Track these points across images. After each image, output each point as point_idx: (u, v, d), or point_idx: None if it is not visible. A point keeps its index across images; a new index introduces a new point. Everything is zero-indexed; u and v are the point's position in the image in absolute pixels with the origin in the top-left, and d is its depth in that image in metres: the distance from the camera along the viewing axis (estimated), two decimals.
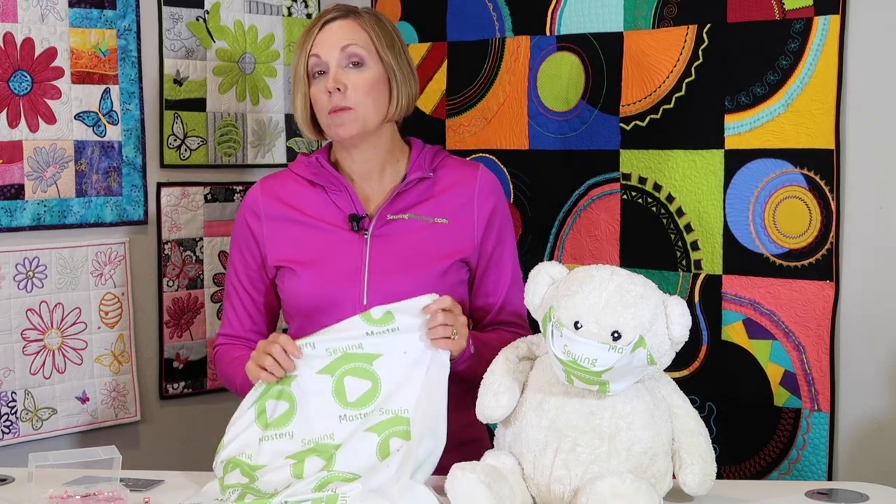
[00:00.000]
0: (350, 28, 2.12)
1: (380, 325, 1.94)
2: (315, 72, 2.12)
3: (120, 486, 1.86)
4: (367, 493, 1.78)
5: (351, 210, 2.13)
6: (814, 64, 2.31)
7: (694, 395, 2.37)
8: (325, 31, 2.12)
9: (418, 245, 2.11)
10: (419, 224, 2.12)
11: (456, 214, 2.15)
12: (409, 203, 2.14)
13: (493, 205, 2.18)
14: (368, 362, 1.94)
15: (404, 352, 1.94)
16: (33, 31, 2.46)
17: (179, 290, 2.75)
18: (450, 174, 2.18)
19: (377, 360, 1.94)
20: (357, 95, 2.09)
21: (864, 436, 2.31)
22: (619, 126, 2.59)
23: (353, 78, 2.10)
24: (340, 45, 2.10)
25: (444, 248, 2.12)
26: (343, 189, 2.14)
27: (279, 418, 1.95)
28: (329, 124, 2.12)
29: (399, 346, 1.94)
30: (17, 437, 2.49)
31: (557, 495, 1.74)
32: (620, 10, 2.57)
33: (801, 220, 2.35)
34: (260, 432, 1.95)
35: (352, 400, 1.94)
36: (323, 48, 2.11)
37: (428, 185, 2.16)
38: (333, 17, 2.13)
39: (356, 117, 2.09)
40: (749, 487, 2.05)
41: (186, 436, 2.80)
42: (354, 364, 1.94)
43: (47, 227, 2.52)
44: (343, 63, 2.10)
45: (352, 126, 2.10)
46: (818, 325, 2.33)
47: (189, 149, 2.75)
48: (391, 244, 2.10)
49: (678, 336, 1.73)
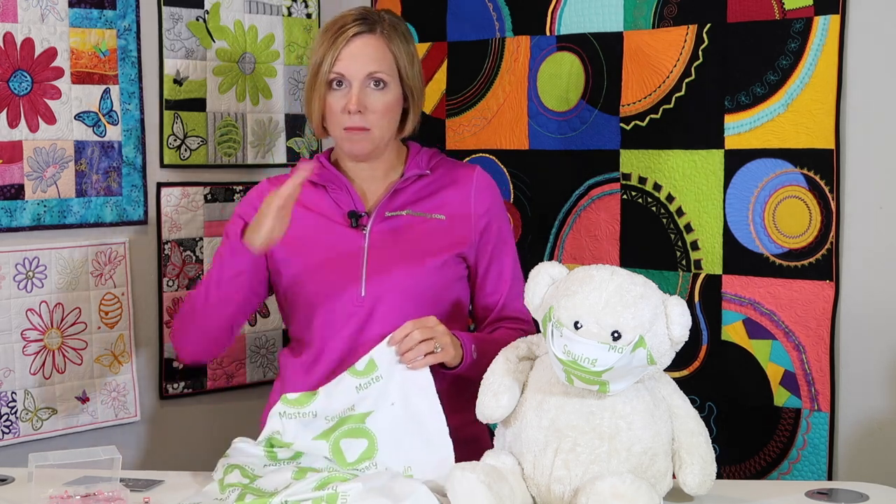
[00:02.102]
0: (378, 50, 2.11)
1: (365, 377, 1.96)
2: (335, 81, 2.11)
3: (120, 486, 1.86)
4: (367, 493, 1.78)
5: (350, 207, 2.14)
6: (814, 64, 2.31)
7: (694, 395, 2.37)
8: (351, 47, 2.10)
9: (416, 239, 2.13)
10: (417, 219, 2.15)
11: (453, 211, 2.17)
12: (407, 200, 2.16)
13: (490, 203, 2.20)
14: (361, 421, 1.96)
15: (392, 403, 1.95)
16: (33, 31, 2.46)
17: (179, 290, 2.75)
18: (447, 173, 2.21)
19: (369, 417, 1.96)
20: (375, 117, 2.10)
21: (864, 436, 2.31)
22: (619, 126, 2.59)
23: (374, 99, 2.10)
24: (367, 72, 2.09)
25: (440, 242, 2.14)
26: (343, 187, 2.16)
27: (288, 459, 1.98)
28: (343, 138, 2.13)
29: (386, 398, 1.96)
30: (17, 437, 2.49)
31: (557, 495, 1.74)
32: (620, 10, 2.57)
33: (801, 220, 2.35)
34: (266, 461, 1.98)
35: (351, 460, 1.95)
36: (349, 69, 2.09)
37: (425, 182, 2.18)
38: (360, 32, 2.11)
39: (371, 138, 2.11)
40: (749, 487, 2.05)
41: (186, 436, 2.80)
42: (348, 426, 1.96)
43: (47, 227, 2.52)
44: (366, 84, 2.10)
45: (366, 145, 2.12)
46: (818, 325, 2.33)
47: (189, 149, 2.75)
48: (389, 239, 2.12)
49: (678, 336, 1.73)
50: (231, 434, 2.20)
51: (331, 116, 2.13)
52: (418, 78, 2.18)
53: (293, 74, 2.92)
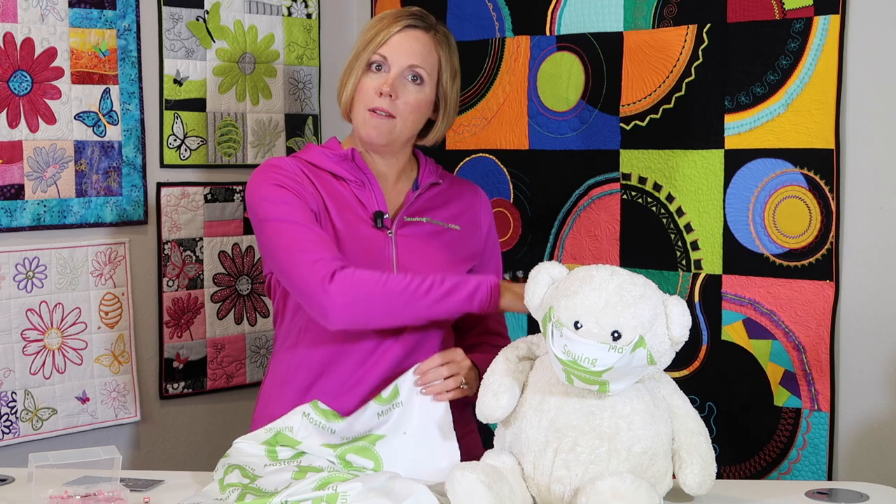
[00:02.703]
0: (426, 46, 2.12)
1: (387, 404, 1.98)
2: (375, 64, 2.11)
3: (120, 486, 1.86)
4: (367, 492, 1.78)
5: (375, 207, 2.13)
6: (814, 64, 2.31)
7: (694, 395, 2.37)
8: (401, 36, 2.11)
9: (439, 247, 2.15)
10: (436, 228, 2.17)
11: (466, 225, 2.21)
12: (424, 207, 2.18)
13: (491, 221, 2.27)
14: (372, 443, 1.97)
15: (404, 432, 1.97)
16: (33, 31, 2.46)
17: (179, 290, 2.74)
18: (453, 184, 2.26)
19: (379, 441, 1.97)
20: (405, 109, 2.10)
21: (864, 436, 2.31)
22: (619, 126, 2.59)
23: (409, 91, 2.10)
24: (410, 62, 2.10)
25: (460, 253, 2.17)
26: (369, 185, 2.15)
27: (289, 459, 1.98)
28: (365, 119, 2.11)
29: (400, 426, 1.97)
30: (17, 437, 2.49)
31: (557, 495, 1.74)
32: (620, 9, 2.57)
33: (801, 220, 2.35)
34: (267, 461, 1.97)
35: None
36: (393, 55, 2.10)
37: (438, 191, 2.21)
38: (415, 25, 2.12)
39: (392, 127, 2.11)
40: (749, 487, 2.05)
41: (186, 436, 2.80)
42: (357, 444, 1.98)
43: (47, 227, 2.52)
44: (405, 74, 2.10)
45: (385, 133, 2.11)
46: (818, 324, 2.33)
47: (189, 149, 2.75)
48: (414, 244, 2.13)
49: (678, 336, 1.73)
50: (231, 434, 2.20)
51: (360, 97, 2.11)
52: (455, 94, 2.19)
53: (293, 74, 2.92)
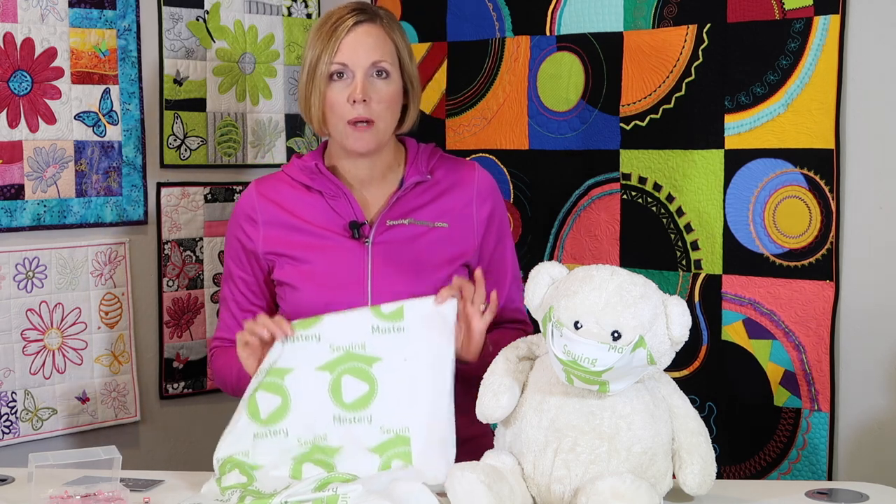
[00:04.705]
0: (378, 38, 2.07)
1: (387, 321, 1.92)
2: (336, 73, 2.05)
3: (120, 486, 1.86)
4: (367, 494, 1.78)
5: (351, 217, 2.08)
6: (814, 64, 2.31)
7: (694, 395, 2.37)
8: (353, 36, 2.05)
9: (420, 251, 2.09)
10: (420, 229, 2.10)
11: (455, 218, 2.13)
12: (409, 208, 2.11)
13: (492, 206, 2.16)
14: (368, 364, 1.93)
15: (404, 358, 1.92)
16: (33, 31, 2.46)
17: (179, 290, 2.75)
18: (447, 176, 2.16)
19: (376, 363, 1.92)
20: (380, 108, 2.05)
21: (864, 436, 2.31)
22: (619, 126, 2.59)
23: (379, 89, 2.05)
24: (371, 60, 2.04)
25: (446, 253, 2.10)
26: (342, 195, 2.09)
27: (273, 414, 1.94)
28: (347, 133, 2.06)
29: (400, 352, 1.92)
30: (17, 437, 2.49)
31: (557, 495, 1.74)
32: (620, 9, 2.57)
33: (801, 220, 2.35)
34: (255, 427, 1.94)
35: (348, 401, 1.93)
36: (351, 58, 2.04)
37: (426, 187, 2.13)
38: (360, 21, 2.06)
39: (376, 132, 2.05)
40: (749, 487, 2.04)
41: (186, 436, 2.80)
42: (354, 364, 1.93)
43: (47, 227, 2.52)
44: (369, 73, 2.05)
45: (371, 141, 2.06)
46: (818, 324, 2.33)
47: (189, 149, 2.75)
48: (393, 251, 2.08)
49: (678, 336, 1.73)
50: None
51: (332, 111, 2.06)
52: (416, 71, 2.14)
53: (293, 74, 2.92)
